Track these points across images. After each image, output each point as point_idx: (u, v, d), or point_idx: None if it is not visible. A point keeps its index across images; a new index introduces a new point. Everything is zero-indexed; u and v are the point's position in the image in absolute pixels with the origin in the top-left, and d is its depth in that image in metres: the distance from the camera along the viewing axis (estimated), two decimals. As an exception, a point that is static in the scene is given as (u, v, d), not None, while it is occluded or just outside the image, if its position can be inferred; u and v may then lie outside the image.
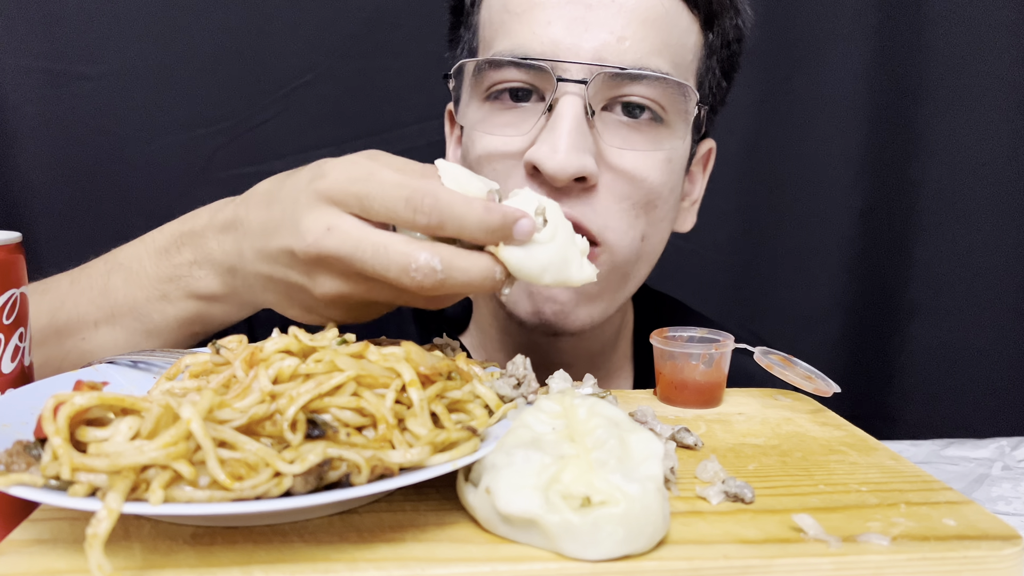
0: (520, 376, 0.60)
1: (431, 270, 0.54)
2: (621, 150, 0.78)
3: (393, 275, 0.55)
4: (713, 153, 0.96)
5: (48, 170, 1.30)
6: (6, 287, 0.57)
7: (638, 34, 0.77)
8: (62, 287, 0.76)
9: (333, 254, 0.56)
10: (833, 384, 0.70)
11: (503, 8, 0.82)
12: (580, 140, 0.74)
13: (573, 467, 0.46)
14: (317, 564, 0.43)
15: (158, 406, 0.43)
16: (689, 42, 0.82)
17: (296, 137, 1.36)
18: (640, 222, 0.81)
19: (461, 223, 0.55)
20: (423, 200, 0.54)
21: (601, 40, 0.76)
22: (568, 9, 0.77)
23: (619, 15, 0.77)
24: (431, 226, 0.55)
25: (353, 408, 0.48)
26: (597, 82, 0.76)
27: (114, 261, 0.75)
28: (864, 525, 0.48)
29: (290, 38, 1.33)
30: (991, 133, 1.43)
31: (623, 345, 1.01)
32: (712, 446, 0.62)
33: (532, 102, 0.80)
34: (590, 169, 0.75)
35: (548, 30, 0.77)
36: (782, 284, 1.51)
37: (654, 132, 0.80)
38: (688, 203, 0.96)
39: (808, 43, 1.42)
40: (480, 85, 0.82)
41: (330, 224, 0.56)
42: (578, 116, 0.75)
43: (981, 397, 1.51)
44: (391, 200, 0.55)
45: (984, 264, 1.48)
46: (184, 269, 0.70)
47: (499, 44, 0.81)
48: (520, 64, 0.78)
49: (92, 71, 1.29)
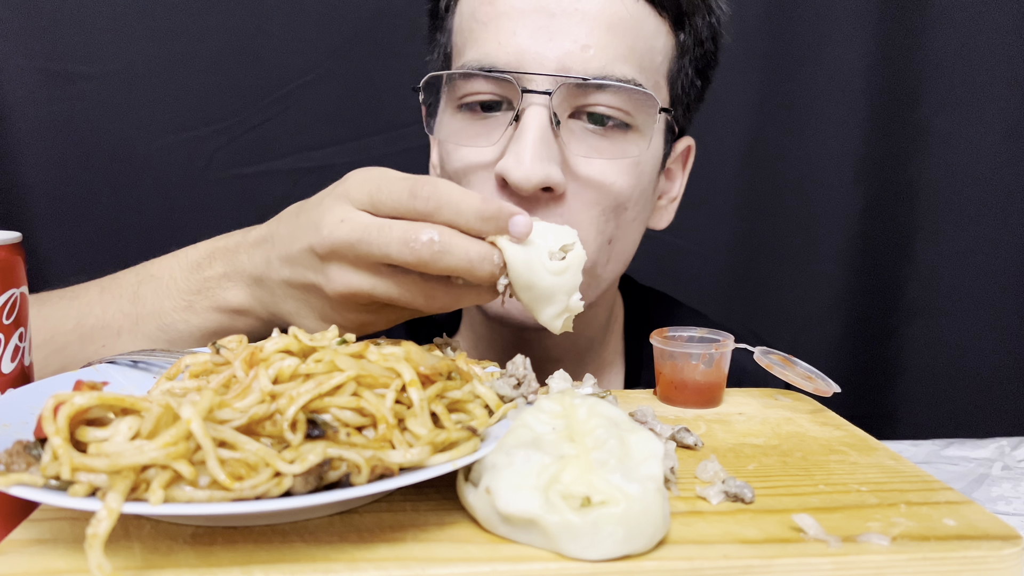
0: (520, 376, 0.60)
1: (430, 241, 0.58)
2: (588, 159, 0.78)
3: (395, 250, 0.59)
4: (692, 150, 0.96)
5: (48, 170, 1.30)
6: (6, 287, 0.57)
7: (602, 41, 0.77)
8: (91, 294, 0.78)
9: (344, 241, 0.60)
10: (833, 384, 0.70)
11: (471, 17, 0.82)
12: (544, 150, 0.75)
13: (573, 467, 0.46)
14: (317, 564, 0.43)
15: (158, 406, 0.43)
16: (658, 44, 0.82)
17: (296, 137, 1.36)
18: (609, 225, 0.82)
19: (458, 207, 0.59)
20: (423, 187, 0.59)
21: (564, 49, 0.77)
22: (532, 19, 0.77)
23: (583, 23, 0.77)
24: (428, 210, 0.59)
25: (353, 408, 0.48)
26: (561, 92, 0.76)
27: (146, 272, 0.77)
28: (864, 525, 0.48)
29: (290, 38, 1.33)
30: (991, 133, 1.44)
31: (613, 340, 1.01)
32: (712, 446, 0.62)
33: (502, 111, 0.80)
34: (555, 179, 0.75)
35: (513, 40, 0.77)
36: (782, 284, 1.51)
37: (621, 138, 0.80)
38: (666, 200, 0.96)
39: (808, 43, 1.42)
40: (452, 94, 0.83)
41: (343, 216, 0.61)
42: (543, 126, 0.75)
43: (981, 397, 1.51)
44: (396, 191, 0.60)
45: (984, 264, 1.48)
46: (213, 282, 0.73)
47: (468, 54, 0.81)
48: (487, 76, 0.78)
49: (92, 71, 1.30)
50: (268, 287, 0.70)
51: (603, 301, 0.93)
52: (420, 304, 0.63)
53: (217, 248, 0.74)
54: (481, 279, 0.61)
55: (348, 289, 0.63)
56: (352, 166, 0.65)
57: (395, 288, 0.62)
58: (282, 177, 1.35)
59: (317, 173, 1.35)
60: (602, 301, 0.92)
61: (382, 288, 0.62)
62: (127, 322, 0.75)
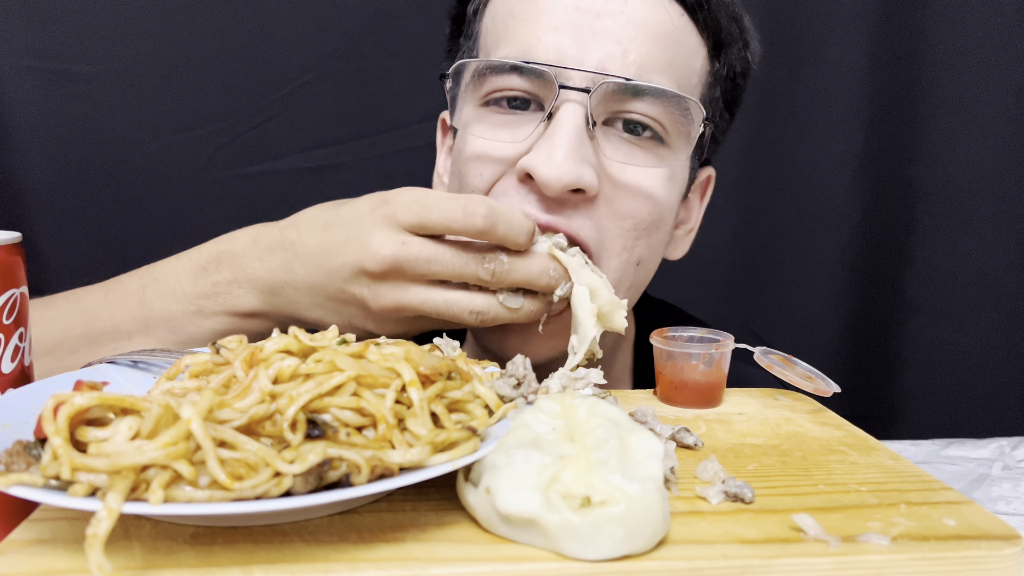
0: (520, 376, 0.60)
1: (500, 261, 0.67)
2: (623, 164, 0.76)
3: (471, 270, 0.66)
4: (712, 181, 0.94)
5: (48, 170, 1.30)
6: (6, 287, 0.57)
7: (644, 48, 0.75)
8: (96, 298, 0.78)
9: (413, 259, 0.65)
10: (833, 384, 0.70)
11: (508, 14, 0.80)
12: (579, 149, 0.72)
13: (573, 467, 0.46)
14: (317, 564, 0.43)
15: (158, 406, 0.43)
16: (696, 64, 0.81)
17: (296, 137, 1.36)
18: (639, 244, 0.79)
19: (510, 223, 0.65)
20: (478, 206, 0.64)
21: (607, 50, 0.75)
22: (575, 16, 0.75)
23: (627, 27, 0.75)
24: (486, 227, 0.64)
25: (353, 408, 0.48)
26: (600, 92, 0.73)
27: (149, 276, 0.77)
28: (864, 525, 0.48)
29: (290, 38, 1.33)
30: (991, 133, 1.44)
31: (622, 357, 0.99)
32: (712, 446, 0.62)
33: (530, 111, 0.78)
34: (587, 180, 0.72)
35: (554, 36, 0.75)
36: (782, 284, 1.51)
37: (656, 150, 0.78)
38: (683, 231, 0.94)
39: (808, 43, 1.42)
40: (479, 89, 0.80)
41: (404, 240, 0.65)
42: (578, 125, 0.73)
43: (981, 397, 1.51)
44: (448, 210, 0.64)
45: (984, 264, 1.48)
46: (222, 287, 0.73)
47: (502, 49, 0.79)
48: (523, 69, 0.75)
49: (92, 71, 1.30)
50: (287, 295, 0.71)
51: None
52: (465, 318, 0.68)
53: (223, 252, 0.74)
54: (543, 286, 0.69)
55: (398, 305, 0.66)
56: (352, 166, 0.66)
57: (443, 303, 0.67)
58: (282, 177, 1.35)
59: (317, 173, 1.35)
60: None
61: (431, 304, 0.67)
62: (136, 326, 0.75)
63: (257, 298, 0.72)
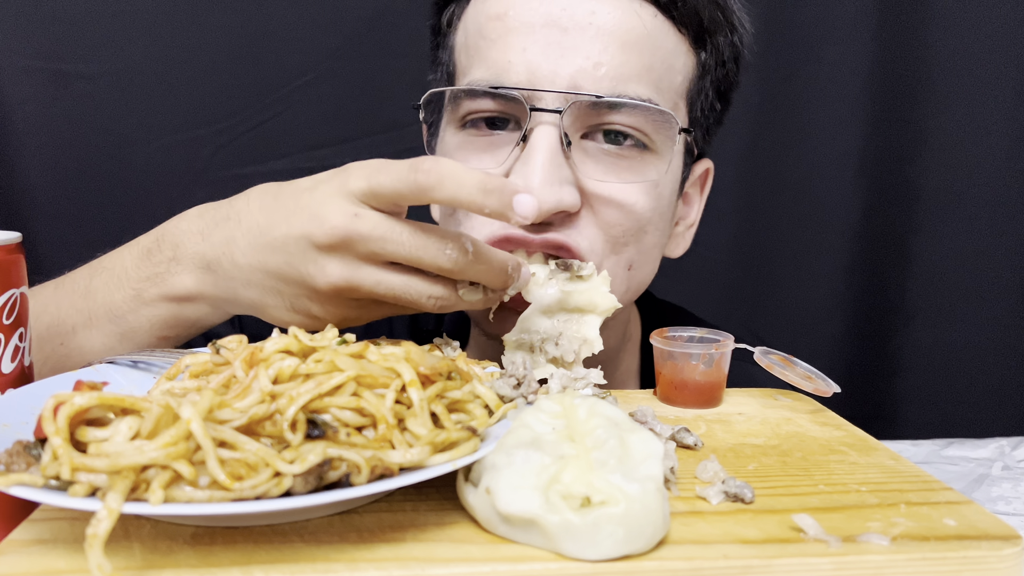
0: (520, 376, 0.60)
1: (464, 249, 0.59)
2: (602, 181, 0.75)
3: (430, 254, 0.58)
4: (711, 174, 0.93)
5: (48, 170, 1.30)
6: (6, 287, 0.57)
7: (616, 59, 0.74)
8: (46, 292, 0.75)
9: (362, 236, 0.58)
10: (833, 384, 0.70)
11: (478, 34, 0.79)
12: (555, 172, 0.72)
13: (573, 467, 0.46)
14: (317, 564, 0.43)
15: (158, 406, 0.43)
16: (677, 64, 0.79)
17: (296, 137, 1.36)
18: (628, 251, 0.79)
19: (459, 181, 0.57)
20: (423, 163, 0.57)
21: (577, 66, 0.74)
22: (544, 33, 0.74)
23: (596, 39, 0.74)
24: (431, 183, 0.57)
25: (353, 408, 0.48)
26: (572, 111, 0.73)
27: (99, 266, 0.74)
28: (864, 525, 0.48)
29: (290, 38, 1.33)
30: (991, 133, 1.44)
31: (627, 359, 0.99)
32: (712, 446, 0.62)
33: (508, 130, 0.77)
34: (567, 202, 0.72)
35: (524, 57, 0.74)
36: (782, 284, 1.51)
37: (639, 159, 0.77)
38: (683, 227, 0.93)
39: (808, 43, 1.42)
40: (456, 112, 0.80)
41: (357, 212, 0.59)
42: (552, 147, 0.72)
43: (981, 397, 1.51)
44: (396, 168, 0.58)
45: (984, 264, 1.48)
46: (163, 267, 0.68)
47: (475, 71, 0.78)
48: (493, 94, 0.75)
49: (92, 71, 1.30)
50: (225, 272, 0.65)
51: (616, 322, 0.89)
52: (423, 303, 0.62)
53: (167, 231, 0.70)
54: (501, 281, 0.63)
55: (346, 283, 0.60)
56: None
57: (400, 286, 0.60)
58: (282, 177, 1.34)
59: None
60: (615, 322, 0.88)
61: (386, 285, 0.60)
62: (80, 318, 0.72)
63: (192, 276, 0.67)
